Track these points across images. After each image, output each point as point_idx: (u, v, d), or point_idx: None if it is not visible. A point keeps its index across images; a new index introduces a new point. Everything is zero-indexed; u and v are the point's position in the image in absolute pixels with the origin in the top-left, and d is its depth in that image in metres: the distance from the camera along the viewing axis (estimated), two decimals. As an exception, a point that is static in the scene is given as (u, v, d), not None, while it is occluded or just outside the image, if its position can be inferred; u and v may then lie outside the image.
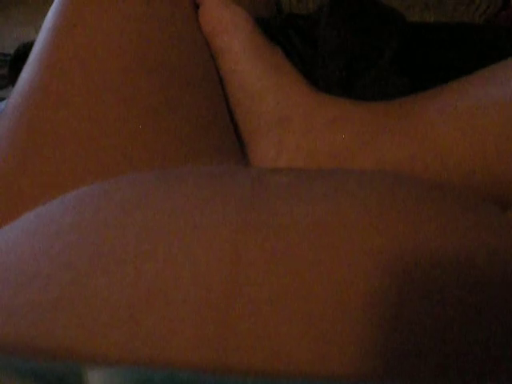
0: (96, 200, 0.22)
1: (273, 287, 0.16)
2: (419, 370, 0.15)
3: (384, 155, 0.37)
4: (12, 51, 0.59)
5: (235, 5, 0.41)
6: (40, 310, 0.17)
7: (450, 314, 0.16)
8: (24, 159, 0.31)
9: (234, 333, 0.15)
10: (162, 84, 0.35)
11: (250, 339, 0.15)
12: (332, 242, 0.18)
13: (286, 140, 0.40)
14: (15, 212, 0.23)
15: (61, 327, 0.16)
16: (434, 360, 0.15)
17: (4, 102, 0.70)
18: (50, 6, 0.38)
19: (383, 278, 0.17)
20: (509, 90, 0.34)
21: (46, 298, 0.17)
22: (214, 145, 0.36)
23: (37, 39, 0.37)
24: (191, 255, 0.17)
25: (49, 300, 0.17)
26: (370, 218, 0.19)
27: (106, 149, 0.31)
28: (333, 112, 0.40)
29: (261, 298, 0.16)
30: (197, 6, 0.42)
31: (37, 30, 0.38)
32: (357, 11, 0.43)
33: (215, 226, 0.18)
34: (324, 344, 0.15)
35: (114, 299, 0.16)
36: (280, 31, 0.44)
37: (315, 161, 0.39)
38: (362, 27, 0.43)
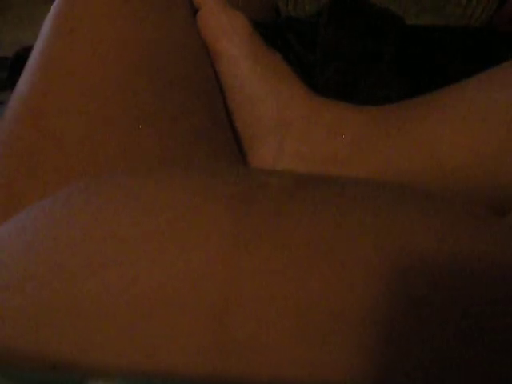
0: (86, 194, 0.21)
1: (270, 294, 0.16)
2: (414, 380, 0.15)
3: (383, 159, 0.37)
4: (11, 54, 0.59)
5: (233, 9, 0.41)
6: (33, 316, 0.16)
7: (447, 323, 0.16)
8: (23, 164, 0.31)
9: (231, 340, 0.15)
10: (161, 88, 0.35)
11: (247, 346, 0.15)
12: (328, 250, 0.18)
13: (286, 144, 0.40)
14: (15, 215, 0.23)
15: (55, 334, 0.16)
16: (428, 370, 0.15)
17: (3, 105, 0.70)
18: (49, 9, 0.38)
19: (380, 287, 0.17)
20: (509, 93, 0.34)
21: (38, 303, 0.17)
22: (213, 150, 0.36)
23: (36, 43, 0.37)
24: (186, 258, 0.17)
25: (41, 305, 0.17)
26: (364, 228, 0.19)
27: (105, 153, 0.31)
28: (332, 116, 0.40)
29: (258, 305, 0.16)
30: (195, 11, 0.42)
31: (35, 34, 0.38)
32: (355, 15, 0.43)
33: (210, 227, 0.18)
34: (321, 352, 0.15)
35: (107, 305, 0.16)
36: (279, 35, 0.44)
37: (315, 165, 0.39)
38: (361, 31, 0.43)
